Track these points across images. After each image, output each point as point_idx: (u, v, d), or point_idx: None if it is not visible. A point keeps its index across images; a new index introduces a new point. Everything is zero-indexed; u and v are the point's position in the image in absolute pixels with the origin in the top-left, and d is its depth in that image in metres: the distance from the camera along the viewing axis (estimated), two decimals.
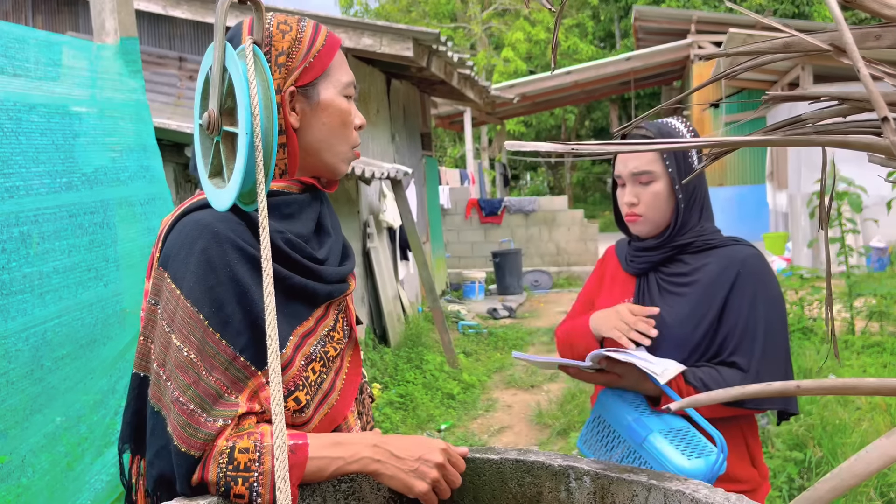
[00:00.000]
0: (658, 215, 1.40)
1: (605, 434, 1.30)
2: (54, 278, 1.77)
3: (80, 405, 1.92)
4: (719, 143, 0.50)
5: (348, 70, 1.01)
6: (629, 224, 1.44)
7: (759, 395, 0.38)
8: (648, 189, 1.39)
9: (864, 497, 2.63)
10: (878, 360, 4.45)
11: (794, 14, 16.45)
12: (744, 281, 1.34)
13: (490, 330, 6.89)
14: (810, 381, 0.38)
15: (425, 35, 5.13)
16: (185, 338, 0.88)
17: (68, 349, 1.82)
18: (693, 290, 1.36)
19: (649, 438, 1.18)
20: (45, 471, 1.74)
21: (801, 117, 0.57)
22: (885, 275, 7.05)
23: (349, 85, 0.99)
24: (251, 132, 0.62)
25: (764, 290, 1.34)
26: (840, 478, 0.30)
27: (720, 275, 1.35)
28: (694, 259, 1.39)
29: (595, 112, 22.93)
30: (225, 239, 0.87)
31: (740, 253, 1.38)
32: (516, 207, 10.53)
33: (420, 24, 19.24)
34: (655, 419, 1.23)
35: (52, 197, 1.80)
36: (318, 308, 1.00)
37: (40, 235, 1.73)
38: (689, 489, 0.90)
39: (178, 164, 2.97)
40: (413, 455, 0.92)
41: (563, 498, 1.00)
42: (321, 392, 0.97)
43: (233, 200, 0.65)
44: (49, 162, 1.82)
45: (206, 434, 0.86)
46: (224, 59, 0.65)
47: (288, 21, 0.95)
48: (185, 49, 5.43)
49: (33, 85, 1.83)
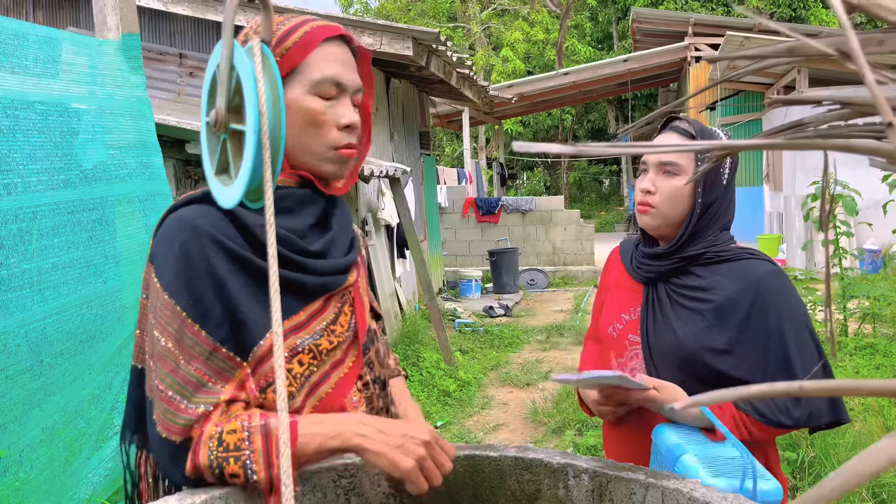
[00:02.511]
0: (671, 212, 1.32)
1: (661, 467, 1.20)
2: (53, 274, 1.77)
3: (78, 400, 1.92)
4: (724, 147, 0.51)
5: (329, 66, 0.95)
6: (639, 214, 1.36)
7: (763, 395, 0.39)
8: (670, 182, 1.31)
9: (857, 498, 2.65)
10: (871, 362, 4.48)
11: (790, 18, 16.49)
12: (765, 301, 1.25)
13: (486, 328, 6.90)
14: (812, 383, 0.39)
15: (425, 34, 5.14)
16: (163, 328, 0.90)
17: (68, 345, 1.82)
18: (706, 307, 1.28)
19: (682, 459, 1.12)
20: (44, 465, 1.74)
21: (803, 121, 0.57)
22: (879, 277, 7.09)
23: (323, 82, 0.94)
24: (258, 130, 0.63)
25: (787, 309, 1.25)
26: (844, 476, 0.31)
27: (736, 295, 1.26)
28: (706, 272, 1.31)
29: (592, 113, 22.96)
30: (204, 233, 0.89)
31: (756, 270, 1.28)
32: (513, 207, 10.55)
33: (419, 23, 19.23)
34: (704, 447, 1.14)
35: (50, 194, 1.80)
36: (314, 302, 0.99)
37: (39, 232, 1.73)
38: (686, 487, 0.91)
39: (179, 161, 2.97)
40: (398, 432, 0.90)
41: (562, 495, 1.01)
42: (309, 384, 0.97)
43: (239, 198, 0.65)
44: (47, 159, 1.82)
45: (185, 419, 0.87)
46: (232, 57, 0.66)
47: (275, 20, 0.93)
48: (186, 45, 5.41)
49: (32, 82, 1.83)
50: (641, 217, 1.35)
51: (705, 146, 0.56)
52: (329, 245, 1.01)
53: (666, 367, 1.29)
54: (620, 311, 1.39)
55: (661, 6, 17.50)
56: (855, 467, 0.33)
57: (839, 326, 5.19)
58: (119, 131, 2.18)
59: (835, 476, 0.34)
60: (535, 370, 5.43)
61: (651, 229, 1.35)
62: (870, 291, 5.26)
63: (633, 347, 1.35)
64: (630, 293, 1.40)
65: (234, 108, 0.65)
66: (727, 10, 17.40)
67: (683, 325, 1.28)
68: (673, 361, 1.28)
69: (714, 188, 1.31)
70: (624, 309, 1.39)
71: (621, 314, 1.39)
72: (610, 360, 1.40)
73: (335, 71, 0.95)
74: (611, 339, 1.39)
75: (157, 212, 2.31)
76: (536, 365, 5.60)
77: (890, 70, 0.52)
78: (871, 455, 0.34)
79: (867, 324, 5.29)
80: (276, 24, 0.94)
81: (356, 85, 0.99)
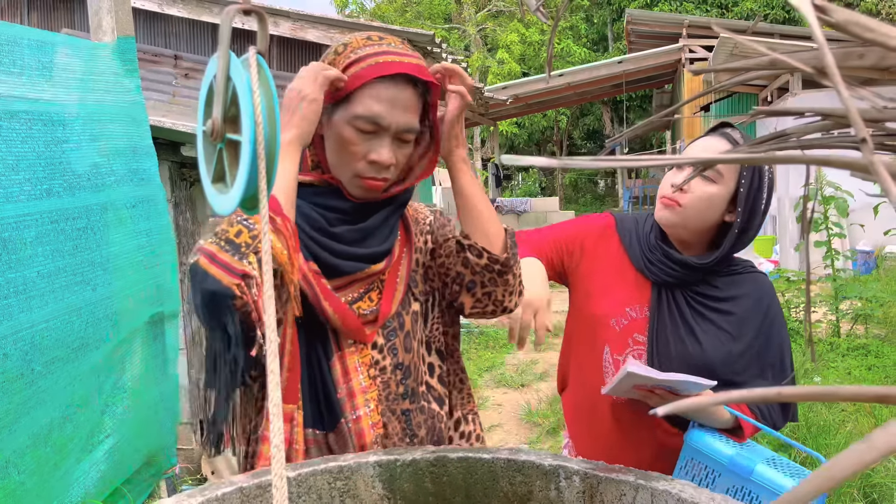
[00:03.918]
0: (696, 217, 1.28)
1: (696, 473, 1.23)
2: (39, 283, 1.77)
3: (71, 407, 1.92)
4: (706, 161, 0.52)
5: (373, 106, 1.00)
6: (659, 207, 1.31)
7: (742, 401, 0.41)
8: (706, 187, 1.26)
9: (848, 498, 2.67)
10: (863, 363, 4.52)
11: (784, 19, 16.57)
12: (771, 312, 1.32)
13: (481, 329, 6.92)
14: (790, 389, 0.41)
15: (420, 36, 5.16)
16: None
17: (59, 353, 1.83)
18: (729, 318, 1.31)
19: (757, 470, 1.16)
20: (32, 471, 1.74)
21: (786, 132, 0.59)
22: (871, 278, 7.14)
23: (359, 118, 1.00)
24: (254, 141, 0.64)
25: (780, 314, 1.34)
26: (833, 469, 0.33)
27: (753, 308, 1.31)
28: (722, 283, 1.33)
29: (588, 115, 23.01)
30: None
31: (762, 281, 1.35)
32: (509, 208, 10.58)
33: (415, 24, 19.24)
34: (751, 451, 1.21)
35: (33, 204, 1.79)
36: (336, 279, 1.06)
37: (22, 242, 1.73)
38: (675, 489, 0.93)
39: (174, 163, 2.97)
40: None
41: (553, 497, 1.02)
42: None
43: (235, 205, 0.67)
44: (30, 169, 1.81)
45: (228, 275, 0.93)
46: (228, 69, 0.67)
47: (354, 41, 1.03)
48: (181, 47, 5.41)
49: (20, 92, 1.83)
50: (663, 211, 1.30)
51: (691, 161, 0.58)
52: (360, 234, 1.07)
53: (673, 371, 1.28)
54: (624, 305, 1.36)
55: (655, 8, 17.57)
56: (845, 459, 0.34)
57: (832, 327, 5.23)
58: (112, 137, 2.19)
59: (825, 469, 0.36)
60: (529, 371, 5.45)
61: (668, 226, 1.32)
62: (862, 292, 5.31)
63: (636, 347, 1.34)
64: (635, 287, 1.36)
65: (231, 119, 0.67)
66: (721, 11, 17.48)
67: (706, 335, 1.30)
68: (686, 369, 1.27)
69: (754, 212, 1.28)
70: (629, 303, 1.35)
71: (625, 308, 1.36)
72: (596, 347, 1.38)
73: (377, 111, 1.00)
74: (611, 332, 1.36)
75: (146, 218, 2.31)
76: (531, 366, 5.61)
77: (864, 86, 0.54)
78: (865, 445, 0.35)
79: (859, 324, 5.33)
80: (355, 45, 1.03)
81: (401, 126, 1.03)
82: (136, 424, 2.29)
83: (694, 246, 1.34)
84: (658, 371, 1.24)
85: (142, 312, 2.32)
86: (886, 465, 2.81)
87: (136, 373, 2.29)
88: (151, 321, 2.38)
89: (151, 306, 2.37)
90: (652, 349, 1.32)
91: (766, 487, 1.14)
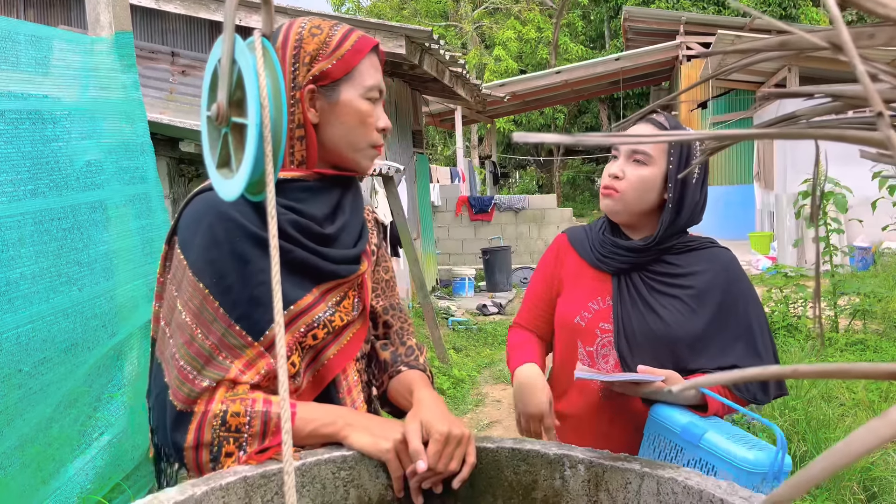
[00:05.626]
0: (635, 201, 1.34)
1: (662, 449, 1.25)
2: (22, 284, 1.76)
3: (61, 406, 1.91)
4: (720, 137, 0.52)
5: (376, 74, 1.06)
6: (602, 197, 1.38)
7: (757, 378, 0.40)
8: (639, 170, 1.33)
9: (848, 491, 2.68)
10: (861, 358, 4.53)
11: (780, 17, 16.60)
12: (734, 287, 1.35)
13: (480, 326, 6.92)
14: (807, 366, 0.40)
15: (417, 33, 5.14)
16: (185, 302, 0.97)
17: (47, 354, 1.82)
18: (687, 293, 1.34)
19: (706, 437, 1.16)
20: (16, 473, 1.73)
21: (795, 114, 0.59)
22: (869, 274, 7.15)
23: (373, 88, 1.05)
24: (260, 123, 0.64)
25: (749, 290, 1.37)
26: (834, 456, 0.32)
27: (712, 280, 1.35)
28: (679, 260, 1.37)
29: (586, 114, 22.99)
30: (229, 217, 0.97)
31: (722, 256, 1.38)
32: (506, 205, 10.57)
33: (412, 22, 19.22)
34: (709, 423, 1.20)
35: (17, 205, 1.78)
36: (325, 283, 1.06)
37: (4, 243, 1.72)
38: (681, 476, 0.92)
39: (172, 159, 2.96)
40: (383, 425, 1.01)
41: (558, 486, 1.02)
42: (313, 351, 1.06)
43: (241, 190, 0.66)
44: (14, 170, 1.80)
45: (189, 389, 0.95)
46: (233, 52, 0.67)
47: (321, 25, 1.04)
48: (178, 44, 5.40)
49: (17, 88, 1.81)
50: (604, 200, 1.38)
51: (705, 136, 0.57)
52: (341, 228, 1.08)
53: (641, 351, 1.33)
54: (586, 301, 1.41)
55: (652, 5, 17.56)
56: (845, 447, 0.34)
57: (830, 322, 5.24)
58: (110, 133, 2.17)
59: (825, 456, 0.36)
60: None
61: (612, 214, 1.39)
62: (860, 288, 5.32)
63: (604, 335, 1.39)
64: (594, 282, 1.42)
65: (235, 102, 0.66)
66: (718, 9, 17.49)
67: (667, 310, 1.34)
68: (651, 346, 1.33)
69: (685, 187, 1.34)
70: (590, 298, 1.41)
71: (588, 303, 1.41)
72: (575, 348, 1.42)
73: (379, 79, 1.07)
74: (578, 328, 1.41)
75: (139, 216, 2.30)
76: None
77: (883, 64, 0.53)
78: (861, 434, 0.35)
79: (857, 320, 5.34)
80: (326, 27, 1.04)
81: (384, 91, 1.10)
82: (135, 421, 2.28)
83: (642, 228, 1.40)
84: (605, 373, 1.32)
85: (141, 309, 2.31)
86: (886, 458, 2.82)
87: (135, 369, 2.28)
88: (150, 318, 2.37)
89: (150, 302, 2.36)
90: (619, 333, 1.36)
91: (717, 455, 1.13)
